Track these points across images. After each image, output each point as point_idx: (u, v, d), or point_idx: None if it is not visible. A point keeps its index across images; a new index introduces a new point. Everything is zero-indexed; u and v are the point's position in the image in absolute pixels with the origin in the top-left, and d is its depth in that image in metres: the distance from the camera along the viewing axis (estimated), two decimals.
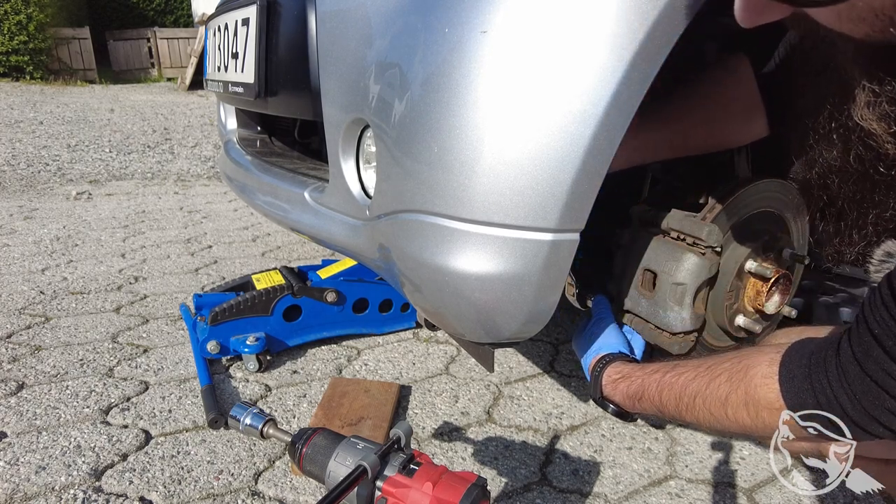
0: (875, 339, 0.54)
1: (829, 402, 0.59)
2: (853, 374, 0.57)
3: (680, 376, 0.79)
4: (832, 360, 0.60)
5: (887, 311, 0.53)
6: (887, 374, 0.53)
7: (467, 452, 1.25)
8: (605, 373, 0.94)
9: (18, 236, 2.76)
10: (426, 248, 0.80)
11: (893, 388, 0.53)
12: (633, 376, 0.89)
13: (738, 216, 1.04)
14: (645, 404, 0.86)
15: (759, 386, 0.66)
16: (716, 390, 0.72)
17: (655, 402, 0.82)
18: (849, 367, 0.57)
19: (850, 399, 0.57)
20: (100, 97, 8.40)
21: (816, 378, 0.61)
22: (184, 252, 2.58)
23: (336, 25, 0.94)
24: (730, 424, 0.71)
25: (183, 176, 4.44)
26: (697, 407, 0.74)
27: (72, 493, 1.08)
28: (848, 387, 0.57)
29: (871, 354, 0.55)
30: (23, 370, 1.52)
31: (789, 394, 0.63)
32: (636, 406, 0.88)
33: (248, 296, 1.56)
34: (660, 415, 0.84)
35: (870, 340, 0.55)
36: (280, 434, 0.78)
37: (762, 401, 0.66)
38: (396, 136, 0.80)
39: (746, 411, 0.68)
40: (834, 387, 0.58)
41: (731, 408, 0.70)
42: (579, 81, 0.70)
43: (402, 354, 1.68)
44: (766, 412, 0.66)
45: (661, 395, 0.81)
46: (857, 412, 0.57)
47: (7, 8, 9.28)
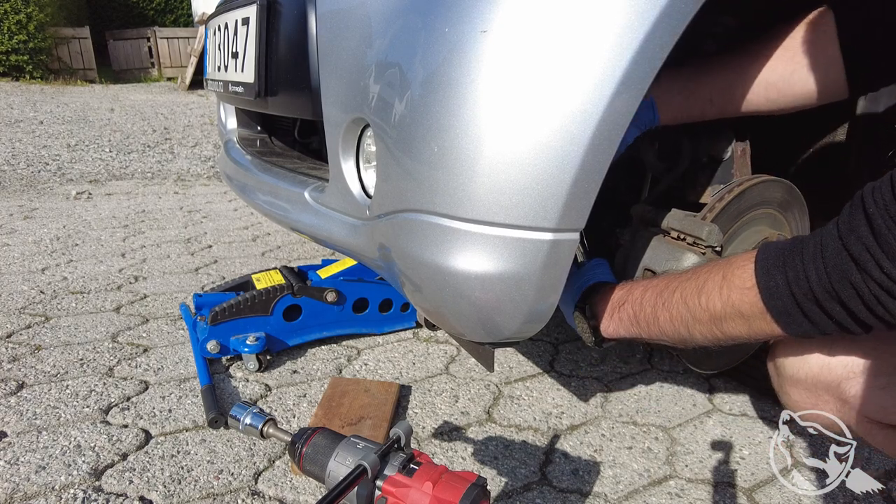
0: (867, 216, 0.55)
1: (796, 276, 0.60)
2: (831, 248, 0.57)
3: (666, 278, 0.79)
4: (811, 239, 0.60)
5: (892, 192, 0.53)
6: (865, 249, 0.54)
7: (467, 452, 1.25)
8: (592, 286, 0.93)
9: (18, 236, 2.76)
10: (426, 247, 0.80)
11: (866, 262, 0.54)
12: (623, 286, 0.88)
13: (738, 216, 1.04)
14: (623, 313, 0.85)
15: (736, 268, 0.67)
16: (695, 280, 0.72)
17: (636, 305, 0.81)
18: (829, 242, 0.58)
19: (818, 273, 0.58)
20: (100, 97, 8.40)
21: (790, 256, 0.61)
22: (184, 252, 2.58)
23: (336, 25, 0.94)
24: (700, 314, 0.70)
25: (183, 175, 4.44)
26: (675, 301, 0.74)
27: (72, 493, 1.08)
28: (822, 260, 0.58)
29: (855, 230, 0.55)
30: (23, 370, 1.52)
31: (762, 269, 0.63)
32: (614, 315, 0.87)
33: (248, 295, 1.56)
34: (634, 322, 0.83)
35: (860, 217, 0.55)
36: (280, 434, 0.78)
37: (736, 281, 0.66)
38: (396, 136, 0.80)
39: (719, 293, 0.68)
40: (806, 261, 0.59)
41: (704, 294, 0.70)
42: (579, 81, 0.70)
43: (402, 354, 1.68)
44: (736, 293, 0.66)
45: (644, 296, 0.80)
46: (821, 286, 0.58)
47: (7, 7, 9.27)
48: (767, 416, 1.41)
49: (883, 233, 0.53)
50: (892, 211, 0.52)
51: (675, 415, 1.41)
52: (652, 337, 0.81)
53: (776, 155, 1.24)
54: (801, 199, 1.15)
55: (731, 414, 1.42)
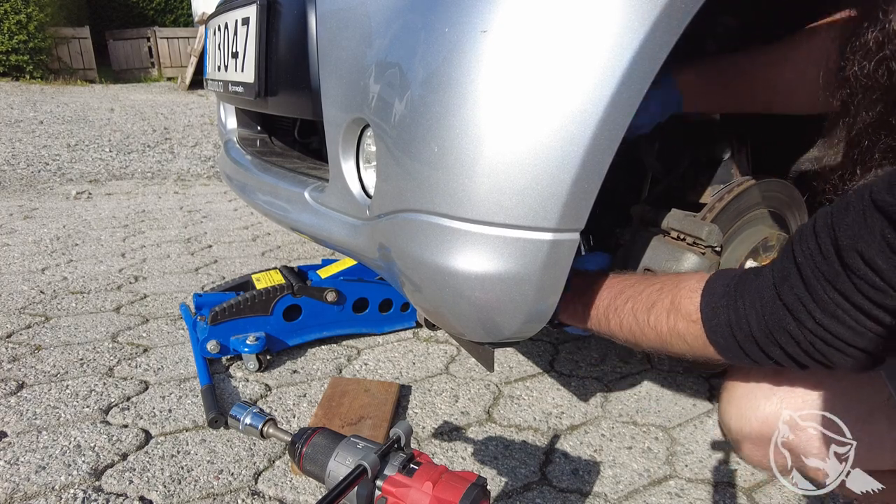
0: (797, 265, 0.57)
1: (738, 320, 0.63)
2: (767, 296, 0.60)
3: (623, 282, 0.81)
4: (752, 282, 0.63)
5: (816, 241, 0.55)
6: (797, 299, 0.56)
7: (467, 452, 1.25)
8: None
9: (18, 236, 2.76)
10: (426, 247, 0.80)
11: (799, 312, 0.56)
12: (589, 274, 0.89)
13: (738, 216, 1.04)
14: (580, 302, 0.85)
15: (684, 297, 0.70)
16: (648, 296, 0.75)
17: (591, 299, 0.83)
18: (764, 290, 0.60)
19: (758, 319, 0.60)
20: (100, 97, 8.40)
21: (733, 297, 0.64)
22: (184, 252, 2.58)
23: (336, 25, 0.94)
24: (647, 332, 0.73)
25: (183, 175, 4.44)
26: (626, 311, 0.77)
27: (72, 493, 1.08)
28: (760, 307, 0.60)
29: (788, 280, 0.58)
30: (23, 370, 1.52)
31: (707, 308, 0.66)
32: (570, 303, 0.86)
33: (248, 295, 1.56)
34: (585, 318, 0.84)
35: (791, 267, 0.58)
36: (280, 434, 0.78)
37: (683, 310, 0.69)
38: (396, 136, 0.80)
39: (666, 318, 0.71)
40: (746, 305, 0.62)
41: (654, 314, 0.73)
42: (579, 81, 0.70)
43: (402, 354, 1.68)
44: (682, 322, 0.69)
45: (600, 295, 0.82)
46: (760, 331, 0.60)
47: (7, 7, 9.27)
48: None
49: (812, 283, 0.55)
50: (818, 261, 0.54)
51: (675, 415, 1.41)
52: (601, 333, 0.84)
53: (776, 155, 1.23)
54: (800, 199, 1.15)
55: None
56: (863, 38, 0.55)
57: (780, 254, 0.61)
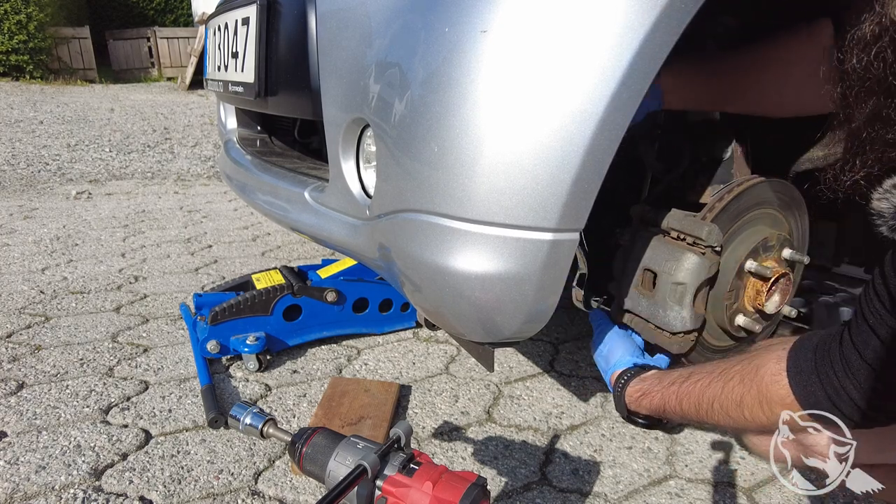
0: (871, 328, 0.56)
1: (836, 393, 0.60)
2: (855, 364, 0.58)
3: (695, 384, 0.81)
4: (836, 351, 0.61)
5: (879, 300, 0.54)
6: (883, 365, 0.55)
7: (467, 452, 1.25)
8: (626, 392, 0.96)
9: (18, 236, 2.76)
10: (426, 247, 0.80)
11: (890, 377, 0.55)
12: (653, 392, 0.91)
13: (738, 216, 1.04)
14: (669, 415, 0.88)
15: (770, 384, 0.68)
16: (730, 393, 0.73)
17: (678, 412, 0.84)
18: (851, 357, 0.58)
19: (857, 388, 0.58)
20: (100, 97, 8.40)
21: (823, 370, 0.62)
22: (184, 252, 2.58)
23: (336, 25, 0.94)
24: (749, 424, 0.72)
25: (183, 175, 4.44)
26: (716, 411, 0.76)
27: (72, 493, 1.08)
28: (853, 377, 0.58)
29: (870, 345, 0.56)
30: (23, 370, 1.52)
31: (799, 388, 0.64)
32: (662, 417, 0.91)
33: (248, 295, 1.56)
34: (685, 421, 0.87)
35: (867, 330, 0.56)
36: (280, 433, 0.78)
37: (775, 397, 0.67)
38: (396, 136, 0.80)
39: (762, 410, 0.69)
40: (840, 377, 0.60)
41: (747, 409, 0.71)
42: (579, 81, 0.70)
43: (402, 354, 1.68)
44: (779, 408, 0.67)
45: (682, 406, 0.83)
46: (863, 399, 0.58)
47: (7, 7, 9.26)
48: None
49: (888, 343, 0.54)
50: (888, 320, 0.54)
51: None
52: None
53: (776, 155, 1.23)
54: (800, 199, 1.15)
55: None
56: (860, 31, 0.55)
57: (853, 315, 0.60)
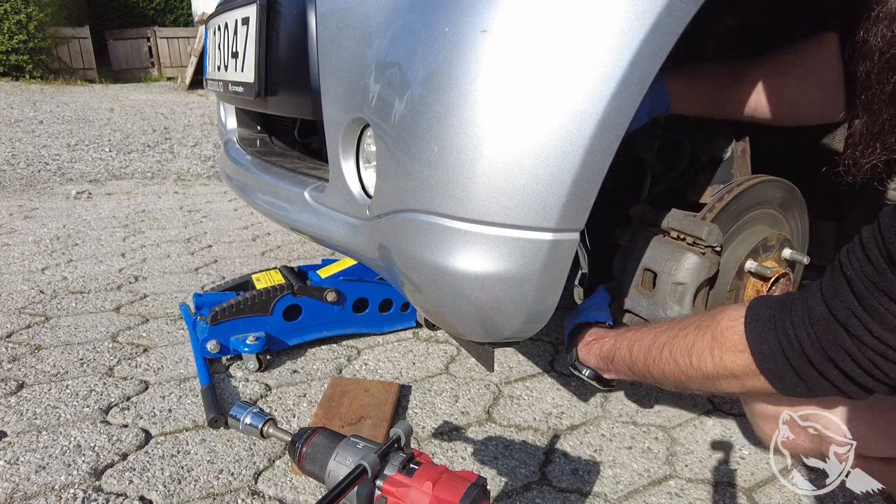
0: (846, 279, 0.55)
1: (789, 341, 0.60)
2: (818, 313, 0.58)
3: (651, 331, 0.80)
4: (798, 303, 0.60)
5: (864, 252, 0.53)
6: (851, 314, 0.54)
7: (467, 452, 1.25)
8: (579, 336, 0.95)
9: (18, 236, 2.76)
10: (426, 247, 0.80)
11: (854, 328, 0.54)
12: (606, 337, 0.89)
13: (738, 216, 1.04)
14: (617, 365, 0.85)
15: (725, 329, 0.67)
16: (683, 339, 0.72)
17: (626, 359, 0.82)
18: (815, 308, 0.58)
19: (811, 338, 0.58)
20: (100, 96, 8.40)
21: (780, 319, 0.61)
22: (184, 251, 2.58)
23: (336, 24, 0.94)
24: (693, 373, 0.71)
25: (183, 175, 4.44)
26: (664, 358, 0.75)
27: (72, 493, 1.08)
28: (810, 326, 0.58)
29: (839, 294, 0.56)
30: (23, 369, 1.52)
31: (752, 334, 0.63)
32: (609, 368, 0.88)
33: (248, 295, 1.56)
34: (630, 374, 0.84)
35: (840, 281, 0.56)
36: (280, 433, 0.78)
37: (727, 343, 0.66)
38: (396, 136, 0.80)
39: (710, 355, 0.68)
40: (797, 326, 0.59)
41: (695, 354, 0.70)
42: (579, 81, 0.70)
43: (402, 354, 1.68)
44: (728, 355, 0.66)
45: (632, 351, 0.81)
46: (815, 351, 0.58)
47: (7, 7, 9.27)
48: None
49: (865, 296, 0.53)
50: (869, 272, 0.53)
51: (675, 415, 1.41)
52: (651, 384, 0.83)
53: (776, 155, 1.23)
54: (801, 199, 1.15)
55: (731, 414, 1.42)
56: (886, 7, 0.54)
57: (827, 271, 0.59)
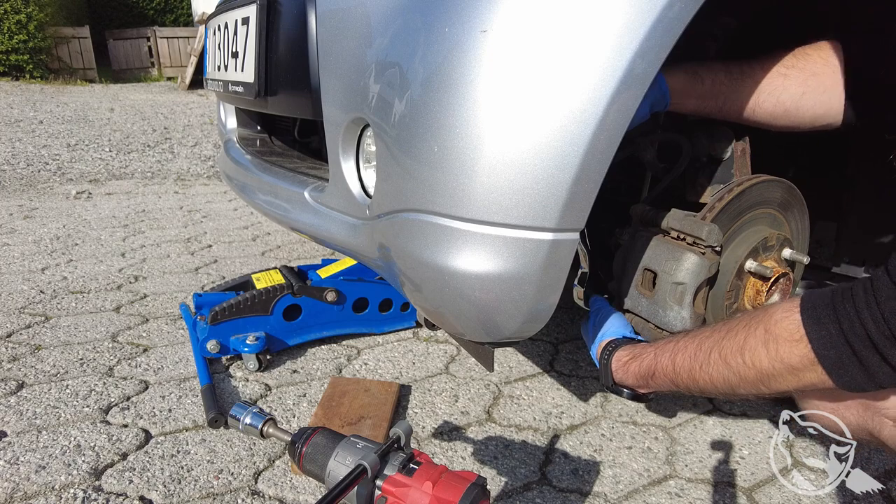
0: None
1: (851, 324, 0.57)
2: (885, 292, 0.55)
3: (694, 338, 0.76)
4: (860, 286, 0.58)
5: None
6: None
7: (467, 452, 1.25)
8: (613, 358, 0.92)
9: (18, 235, 2.76)
10: (426, 247, 0.80)
11: None
12: (644, 354, 0.86)
13: (738, 215, 1.04)
14: (658, 379, 0.82)
15: (780, 320, 0.64)
16: (733, 338, 0.69)
17: (669, 372, 0.79)
18: (882, 287, 0.56)
19: (874, 318, 0.56)
20: (100, 96, 8.40)
21: (840, 304, 0.59)
22: (184, 251, 2.58)
23: (336, 24, 0.94)
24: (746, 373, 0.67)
25: (183, 175, 4.44)
26: (713, 362, 0.71)
27: (72, 493, 1.08)
28: (876, 307, 0.56)
29: None
30: (23, 369, 1.52)
31: (810, 320, 0.60)
32: (649, 384, 0.85)
33: (248, 295, 1.56)
34: (673, 387, 0.81)
35: None
36: (280, 433, 0.78)
37: (782, 333, 0.63)
38: (396, 136, 0.80)
39: (766, 350, 0.64)
40: (859, 307, 0.57)
41: (748, 352, 0.66)
42: (579, 81, 0.70)
43: (402, 354, 1.68)
44: (784, 346, 0.63)
45: (675, 362, 0.77)
46: (878, 331, 0.55)
47: (7, 7, 9.27)
48: (767, 416, 1.41)
49: None
50: None
51: (674, 415, 1.41)
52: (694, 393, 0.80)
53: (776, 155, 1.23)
54: (801, 199, 1.15)
55: (731, 414, 1.42)
56: None
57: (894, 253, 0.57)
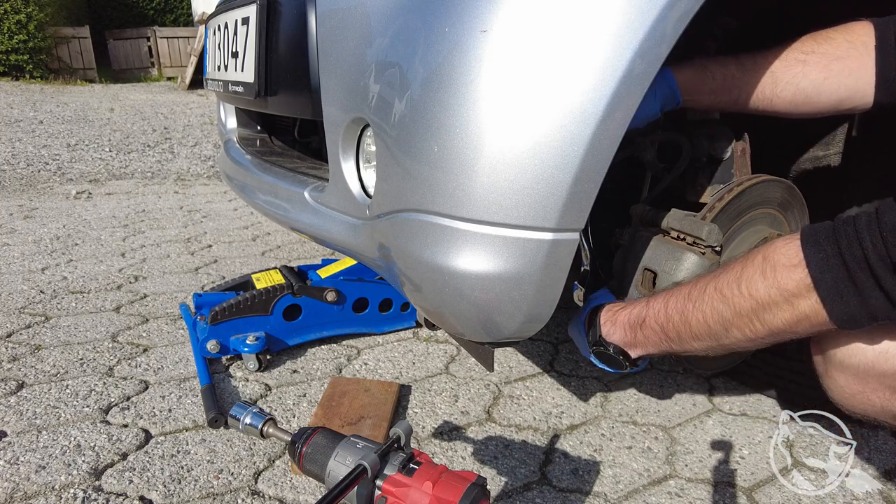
0: None
1: (849, 244, 0.56)
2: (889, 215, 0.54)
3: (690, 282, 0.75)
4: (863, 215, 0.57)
5: None
6: None
7: (467, 452, 1.25)
8: (602, 310, 0.90)
9: (18, 235, 2.76)
10: (426, 247, 0.80)
11: None
12: (636, 303, 0.84)
13: (738, 215, 1.04)
14: (647, 329, 0.80)
15: (780, 247, 0.63)
16: (730, 271, 0.68)
17: (660, 317, 0.77)
18: (886, 213, 0.55)
19: (874, 239, 0.55)
20: (100, 96, 8.40)
21: (842, 227, 0.58)
22: (184, 251, 2.58)
23: (336, 24, 0.94)
24: (742, 304, 0.65)
25: (183, 175, 4.44)
26: (707, 297, 0.69)
27: (72, 493, 1.08)
28: (877, 227, 0.55)
29: None
30: (23, 369, 1.52)
31: (809, 243, 0.59)
32: (638, 335, 0.83)
33: (248, 295, 1.56)
34: (662, 336, 0.79)
35: None
36: (280, 433, 0.78)
37: (780, 259, 0.62)
38: (396, 136, 0.80)
39: (762, 278, 0.63)
40: (860, 229, 0.56)
41: (745, 281, 0.65)
42: (579, 80, 0.70)
43: (402, 354, 1.68)
44: (782, 272, 0.61)
45: (668, 304, 0.76)
46: (876, 252, 0.54)
47: (7, 7, 9.27)
48: (767, 416, 1.41)
49: None
50: None
51: (675, 415, 1.41)
52: (684, 348, 0.78)
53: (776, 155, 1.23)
54: (801, 199, 1.15)
55: (731, 414, 1.42)
56: None
57: None
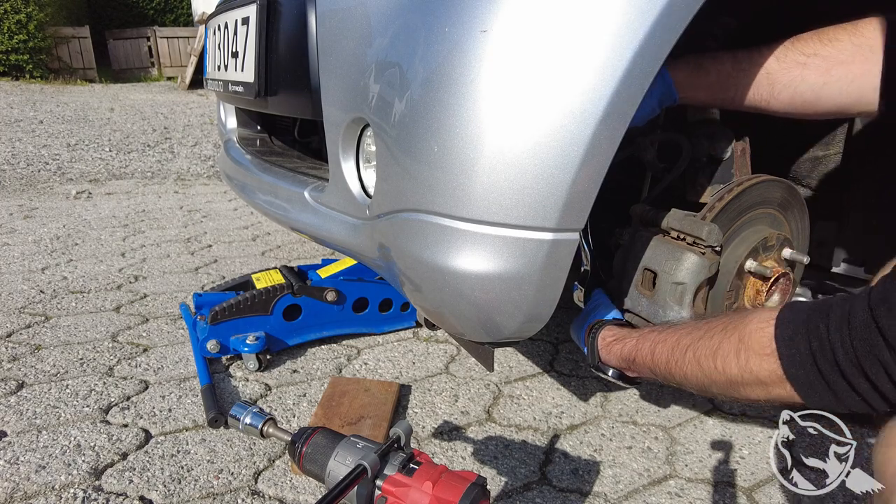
0: None
1: (821, 345, 0.57)
2: (860, 319, 0.54)
3: (675, 332, 0.77)
4: (838, 307, 0.57)
5: None
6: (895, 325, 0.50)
7: (467, 452, 1.25)
8: (599, 336, 0.92)
9: (18, 235, 2.75)
10: (426, 247, 0.80)
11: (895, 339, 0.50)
12: (627, 339, 0.86)
13: (738, 215, 1.04)
14: (638, 366, 0.83)
15: (754, 331, 0.64)
16: (709, 341, 0.69)
17: (647, 361, 0.79)
18: (857, 313, 0.55)
19: (845, 345, 0.55)
20: (100, 96, 8.40)
21: (814, 323, 0.58)
22: (184, 251, 2.58)
23: (336, 24, 0.94)
24: (717, 377, 0.67)
25: (183, 175, 4.44)
26: (687, 361, 0.72)
27: (72, 492, 1.08)
28: (847, 331, 0.55)
29: (887, 301, 0.52)
30: (23, 369, 1.52)
31: (782, 336, 0.60)
32: (632, 366, 0.86)
33: (248, 295, 1.56)
34: (652, 376, 0.82)
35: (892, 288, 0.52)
36: (280, 433, 0.78)
37: (754, 346, 0.63)
38: (396, 136, 0.80)
39: (736, 359, 0.65)
40: (831, 330, 0.56)
41: (720, 357, 0.67)
42: (579, 80, 0.70)
43: (402, 354, 1.68)
44: (755, 359, 0.63)
45: (654, 352, 0.78)
46: (847, 359, 0.55)
47: (7, 7, 9.26)
48: (767, 416, 1.41)
49: None
50: None
51: (675, 414, 1.41)
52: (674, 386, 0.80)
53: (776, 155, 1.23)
54: (801, 199, 1.15)
55: (731, 414, 1.42)
56: None
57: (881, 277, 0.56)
